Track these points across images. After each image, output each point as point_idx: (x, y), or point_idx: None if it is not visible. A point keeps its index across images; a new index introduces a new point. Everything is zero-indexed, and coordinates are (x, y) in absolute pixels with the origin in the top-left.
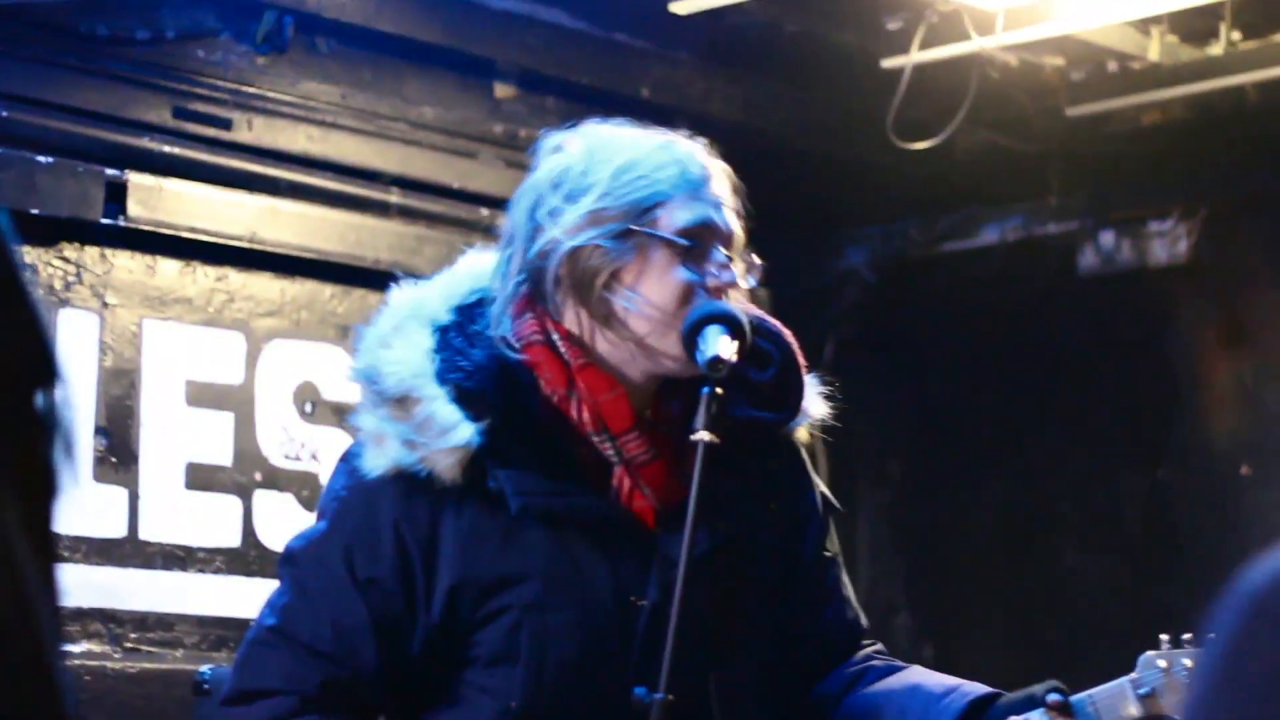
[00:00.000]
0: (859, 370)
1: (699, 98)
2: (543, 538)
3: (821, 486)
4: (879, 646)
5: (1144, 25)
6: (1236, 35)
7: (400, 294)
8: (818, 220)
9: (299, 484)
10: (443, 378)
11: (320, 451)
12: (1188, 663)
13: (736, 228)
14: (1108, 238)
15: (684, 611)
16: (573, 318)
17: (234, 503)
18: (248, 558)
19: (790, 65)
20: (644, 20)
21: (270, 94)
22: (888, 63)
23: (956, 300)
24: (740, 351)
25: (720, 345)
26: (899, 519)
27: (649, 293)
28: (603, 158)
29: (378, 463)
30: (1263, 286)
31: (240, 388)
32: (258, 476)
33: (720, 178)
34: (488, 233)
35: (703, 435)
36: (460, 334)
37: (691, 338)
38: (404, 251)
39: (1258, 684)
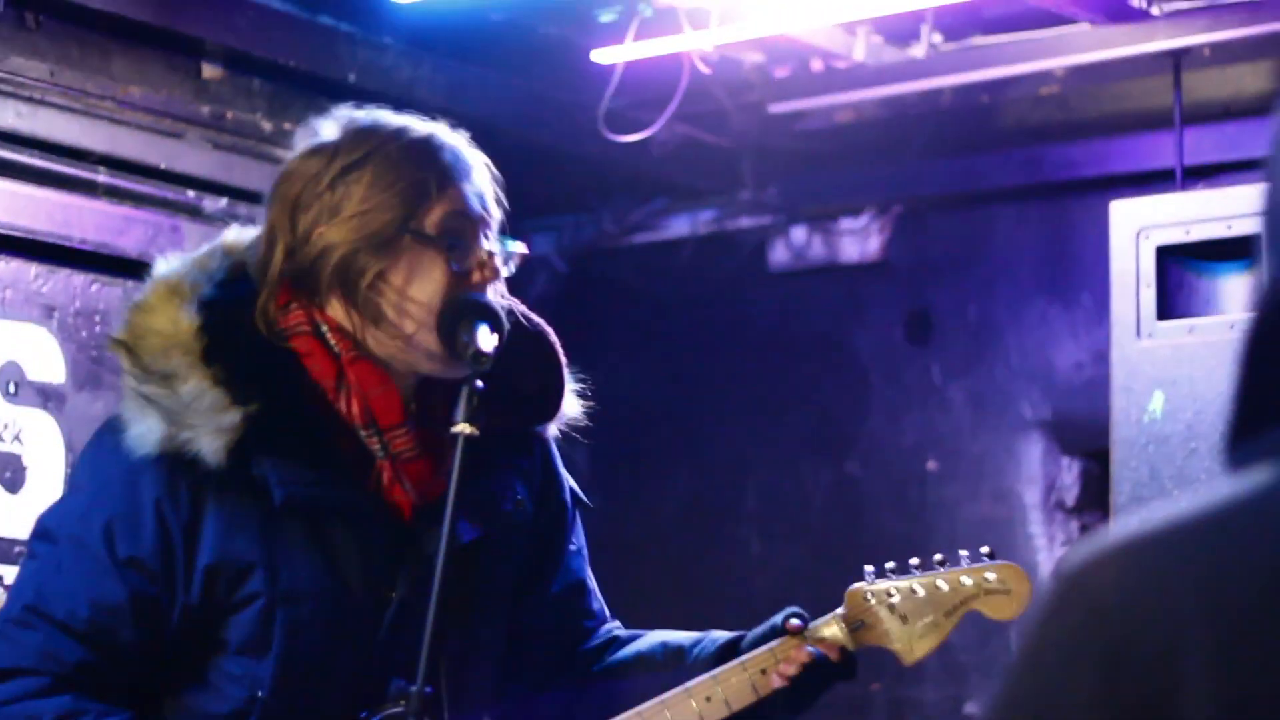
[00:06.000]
0: None
1: (404, 83)
2: (301, 528)
3: (570, 482)
4: (618, 624)
5: (850, 26)
6: (938, 38)
7: (163, 266)
8: (513, 208)
9: (1, 466)
10: (210, 358)
11: (24, 433)
12: (894, 592)
13: (496, 218)
14: (799, 233)
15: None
16: (341, 313)
17: None
18: None
19: (497, 53)
20: (351, 4)
21: None
22: (598, 55)
23: (647, 291)
24: (499, 344)
25: (480, 338)
26: (584, 509)
27: (416, 291)
28: (363, 154)
29: (142, 441)
30: (950, 285)
31: None
32: None
33: (480, 169)
34: (194, 214)
35: (463, 428)
36: (225, 313)
37: (450, 331)
38: (111, 231)
39: (1061, 644)
